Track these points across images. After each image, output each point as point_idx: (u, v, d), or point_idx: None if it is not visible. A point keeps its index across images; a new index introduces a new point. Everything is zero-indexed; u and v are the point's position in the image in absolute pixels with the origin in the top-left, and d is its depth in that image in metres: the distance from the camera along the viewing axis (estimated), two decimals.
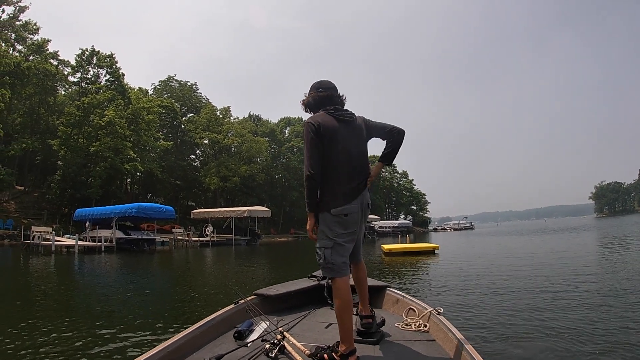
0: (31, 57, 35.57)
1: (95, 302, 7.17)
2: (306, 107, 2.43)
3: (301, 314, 3.03)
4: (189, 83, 57.44)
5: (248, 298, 3.10)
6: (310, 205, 2.24)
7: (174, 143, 48.53)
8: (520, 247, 19.23)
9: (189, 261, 17.98)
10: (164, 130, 49.20)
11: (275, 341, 2.18)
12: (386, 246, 18.35)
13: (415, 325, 2.63)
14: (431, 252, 17.10)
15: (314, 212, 2.25)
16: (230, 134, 49.10)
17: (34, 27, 38.41)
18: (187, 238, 30.46)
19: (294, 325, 2.76)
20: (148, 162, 38.25)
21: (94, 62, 38.11)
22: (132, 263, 16.16)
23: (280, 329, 2.37)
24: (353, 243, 2.30)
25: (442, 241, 27.80)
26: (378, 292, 3.38)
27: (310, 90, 2.42)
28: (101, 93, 35.94)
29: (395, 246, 18.51)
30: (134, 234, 24.62)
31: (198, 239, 30.56)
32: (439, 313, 2.59)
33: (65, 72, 38.76)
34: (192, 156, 54.51)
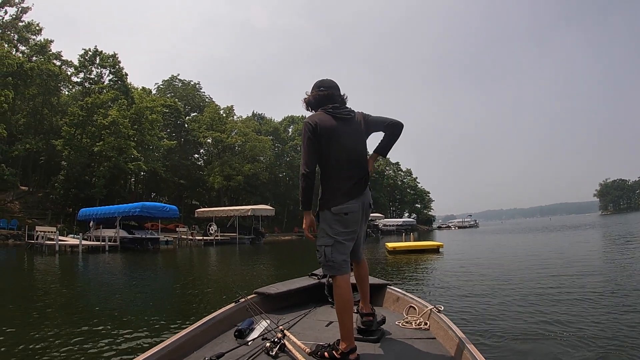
0: (34, 58, 35.60)
1: (97, 302, 7.26)
2: (307, 106, 2.45)
3: (302, 312, 3.05)
4: (192, 82, 57.45)
5: (249, 297, 3.10)
6: (304, 203, 2.25)
7: (178, 142, 48.55)
8: (524, 246, 19.07)
9: (193, 260, 17.96)
10: (168, 129, 49.21)
11: (275, 339, 2.19)
12: (390, 244, 18.32)
13: (415, 323, 2.65)
14: (435, 251, 17.01)
15: (310, 211, 2.27)
16: (233, 133, 49.01)
17: (37, 28, 38.52)
18: (191, 237, 30.45)
19: (295, 323, 2.79)
20: (152, 162, 38.27)
21: (97, 62, 38.26)
22: (136, 262, 16.14)
23: (280, 328, 2.37)
24: (353, 242, 2.31)
25: (447, 239, 27.63)
26: (378, 290, 3.40)
27: (312, 89, 2.44)
28: (104, 93, 35.99)
29: (399, 244, 18.49)
30: (138, 234, 24.72)
31: (202, 238, 30.57)
32: (440, 311, 2.62)
33: (68, 73, 38.84)
34: (196, 155, 54.55)
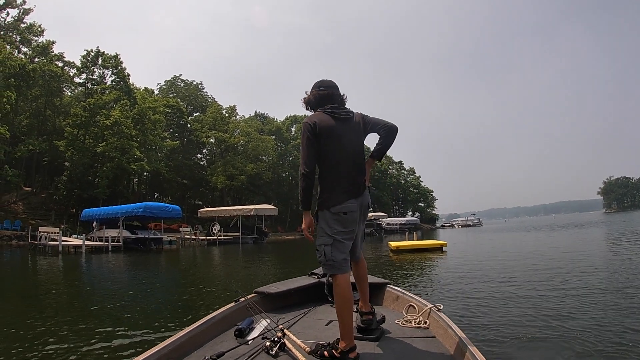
0: (36, 59, 35.70)
1: (97, 301, 7.24)
2: (307, 105, 2.46)
3: (301, 312, 3.05)
4: (195, 82, 57.60)
5: (248, 296, 3.10)
6: (304, 203, 2.25)
7: (181, 142, 48.62)
8: (528, 244, 18.81)
9: (196, 260, 17.89)
10: (170, 129, 49.24)
11: (275, 339, 2.19)
12: (393, 243, 18.20)
13: (415, 322, 2.66)
14: (439, 250, 16.89)
15: (309, 211, 2.28)
16: (236, 133, 49.03)
17: (39, 29, 38.67)
18: (195, 237, 30.37)
19: (295, 322, 2.79)
20: (155, 162, 38.32)
21: (99, 63, 38.33)
22: (139, 262, 16.07)
23: (280, 327, 2.37)
24: (352, 241, 2.31)
25: (450, 238, 27.49)
26: (378, 289, 3.40)
27: (312, 88, 2.45)
28: (107, 94, 36.07)
29: (402, 243, 18.36)
30: (141, 234, 24.67)
31: (205, 238, 30.51)
32: (439, 310, 2.62)
33: (70, 74, 38.87)
34: (199, 155, 54.57)
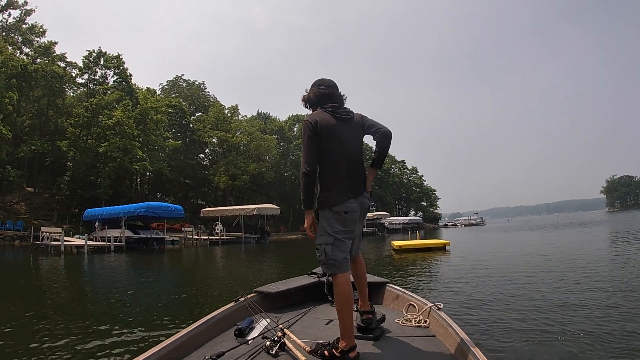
0: (38, 60, 35.72)
1: (98, 301, 7.23)
2: (306, 103, 2.43)
3: (301, 311, 3.05)
4: (197, 82, 57.47)
5: (248, 295, 3.10)
6: (306, 202, 2.25)
7: (183, 142, 48.56)
8: (531, 244, 18.71)
9: (198, 260, 17.84)
10: (173, 129, 49.17)
11: (275, 338, 2.18)
12: (396, 243, 18.18)
13: (415, 321, 2.65)
14: (442, 249, 16.87)
15: (311, 210, 2.26)
16: (238, 133, 48.93)
17: (41, 30, 38.71)
18: (197, 237, 30.29)
19: (295, 322, 2.79)
20: (157, 162, 38.24)
21: (101, 63, 38.19)
22: (141, 262, 16.01)
23: (280, 326, 2.36)
24: (351, 240, 2.31)
25: (453, 237, 27.41)
26: (378, 288, 3.40)
27: (311, 87, 2.42)
28: (109, 94, 35.99)
29: (405, 243, 18.37)
30: (144, 234, 24.62)
31: (208, 238, 30.43)
32: (439, 309, 2.62)
33: (73, 74, 38.79)
34: (201, 155, 54.42)
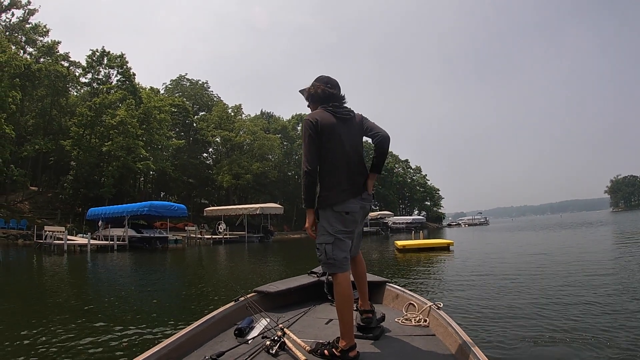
0: (42, 59, 35.76)
1: (99, 300, 7.16)
2: (310, 98, 2.38)
3: (301, 311, 3.04)
4: (200, 82, 57.64)
5: (248, 295, 3.09)
6: (307, 201, 2.23)
7: (186, 141, 48.60)
8: (535, 244, 18.45)
9: (201, 259, 17.75)
10: (176, 128, 49.22)
11: (275, 338, 2.18)
12: (400, 242, 18.03)
13: (415, 320, 2.64)
14: (446, 249, 16.69)
15: (312, 209, 2.25)
16: (242, 132, 48.92)
17: (44, 30, 38.77)
18: (200, 236, 30.27)
19: (295, 321, 2.78)
20: (160, 161, 38.29)
21: (105, 63, 38.38)
22: (144, 261, 15.92)
23: (280, 326, 2.36)
24: (352, 239, 2.31)
25: (457, 237, 27.22)
26: (378, 288, 3.39)
27: (317, 81, 2.36)
28: (112, 93, 36.02)
29: (409, 242, 18.21)
30: (147, 233, 24.63)
31: (211, 237, 30.41)
32: (439, 308, 2.61)
33: (76, 73, 38.92)
34: (205, 154, 54.56)
